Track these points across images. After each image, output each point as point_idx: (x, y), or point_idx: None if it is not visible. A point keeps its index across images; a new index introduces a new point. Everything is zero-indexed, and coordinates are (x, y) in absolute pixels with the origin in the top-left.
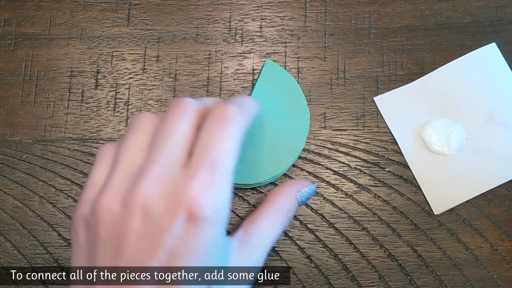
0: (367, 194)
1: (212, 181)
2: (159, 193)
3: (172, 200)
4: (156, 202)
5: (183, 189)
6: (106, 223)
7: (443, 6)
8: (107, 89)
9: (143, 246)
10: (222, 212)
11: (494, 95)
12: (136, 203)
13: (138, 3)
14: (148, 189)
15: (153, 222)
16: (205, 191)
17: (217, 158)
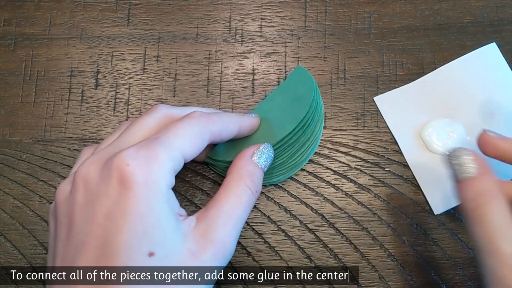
0: (367, 194)
1: (148, 149)
2: (98, 166)
3: (107, 167)
4: (94, 173)
5: (118, 154)
6: (61, 203)
7: (443, 6)
8: (107, 89)
9: (86, 215)
10: (157, 179)
11: (494, 95)
12: (78, 178)
13: (138, 3)
14: (90, 163)
15: (91, 191)
16: (139, 155)
17: (161, 135)
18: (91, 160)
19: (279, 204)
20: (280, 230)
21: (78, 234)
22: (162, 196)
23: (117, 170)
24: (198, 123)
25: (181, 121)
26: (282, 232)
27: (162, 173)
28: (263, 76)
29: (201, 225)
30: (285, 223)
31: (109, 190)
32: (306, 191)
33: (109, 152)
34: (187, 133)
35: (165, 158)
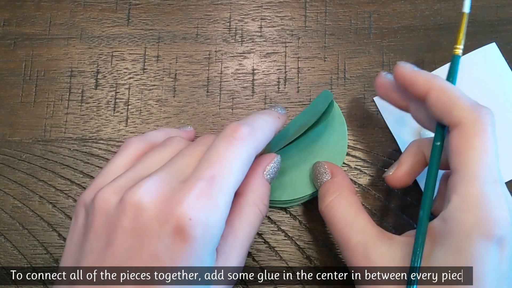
0: (367, 194)
1: (208, 196)
2: (154, 197)
3: (164, 208)
4: (149, 205)
5: (177, 199)
6: (101, 213)
7: (443, 6)
8: (107, 89)
9: (129, 244)
10: (214, 230)
11: (494, 95)
12: (131, 201)
13: (138, 3)
14: (145, 191)
15: (142, 224)
16: (199, 205)
17: (218, 174)
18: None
19: None
20: (280, 230)
21: (116, 257)
22: (213, 248)
23: (176, 220)
24: (248, 148)
25: (231, 148)
26: (282, 232)
27: (220, 224)
28: (263, 76)
29: (222, 259)
30: (285, 223)
31: (162, 234)
32: None
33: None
34: (240, 165)
35: (224, 206)
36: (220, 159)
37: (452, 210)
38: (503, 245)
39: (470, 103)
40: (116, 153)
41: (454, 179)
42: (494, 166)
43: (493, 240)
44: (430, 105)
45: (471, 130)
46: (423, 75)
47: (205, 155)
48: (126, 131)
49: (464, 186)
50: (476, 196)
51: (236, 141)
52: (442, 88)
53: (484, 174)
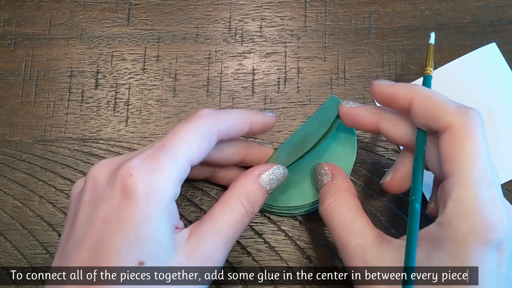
0: (367, 194)
1: (152, 159)
2: (107, 169)
3: (113, 174)
4: (103, 176)
5: (124, 164)
6: (72, 199)
7: (443, 6)
8: (107, 89)
9: (88, 214)
10: (159, 190)
11: (494, 95)
12: (89, 176)
13: (138, 3)
14: (100, 166)
15: (97, 192)
16: (143, 165)
17: (167, 142)
18: (105, 162)
19: None
20: (280, 230)
21: (77, 231)
22: (161, 208)
23: (120, 179)
24: (205, 124)
25: (187, 123)
26: (282, 232)
27: (164, 185)
28: (263, 76)
29: (193, 239)
30: (285, 223)
31: (111, 196)
32: None
33: (122, 159)
34: (194, 137)
35: (170, 169)
36: (174, 131)
37: (447, 216)
38: (501, 248)
39: (456, 106)
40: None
41: (448, 184)
42: (487, 168)
43: (490, 245)
44: (415, 114)
45: (461, 133)
46: (403, 86)
47: None
48: (126, 131)
49: (459, 191)
50: (471, 200)
51: (193, 119)
52: (425, 95)
53: (478, 177)
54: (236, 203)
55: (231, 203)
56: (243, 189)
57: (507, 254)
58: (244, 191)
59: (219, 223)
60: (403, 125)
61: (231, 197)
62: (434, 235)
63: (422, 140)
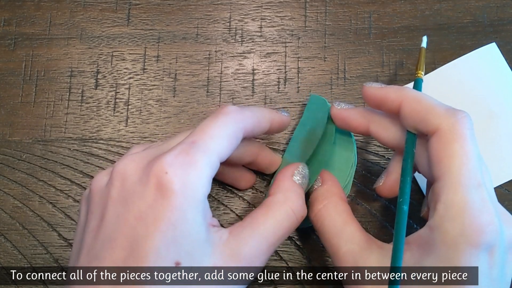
0: (367, 194)
1: (186, 155)
2: (137, 165)
3: (146, 170)
4: (132, 171)
5: (157, 160)
6: (96, 193)
7: (443, 6)
8: (107, 89)
9: (118, 211)
10: (195, 187)
11: (494, 95)
12: (116, 172)
13: (138, 3)
14: (129, 160)
15: (127, 189)
16: (177, 162)
17: (199, 138)
18: (133, 157)
19: None
20: None
21: (107, 228)
22: (197, 206)
23: (155, 176)
24: (232, 121)
25: (215, 119)
26: None
27: (200, 182)
28: (263, 76)
29: (233, 242)
30: None
31: (145, 194)
32: None
33: (152, 154)
34: (223, 133)
35: (204, 165)
36: (203, 128)
37: (437, 219)
38: (492, 250)
39: (445, 108)
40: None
41: (438, 187)
42: (477, 170)
43: (481, 248)
44: (404, 116)
45: (450, 136)
46: (393, 89)
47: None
48: (126, 131)
49: (448, 193)
50: (460, 203)
51: (221, 115)
52: (414, 98)
53: (467, 179)
54: (284, 209)
55: (276, 208)
56: (288, 193)
57: (498, 255)
58: (289, 195)
59: (262, 229)
60: (393, 127)
61: (275, 202)
62: (425, 239)
63: (411, 142)
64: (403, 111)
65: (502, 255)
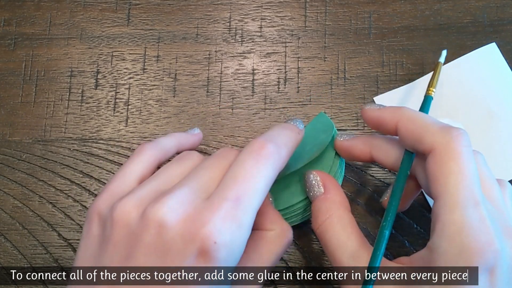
0: (367, 194)
1: (233, 218)
2: (178, 216)
3: (189, 228)
4: (172, 223)
5: (203, 220)
6: (121, 226)
7: (443, 6)
8: (107, 89)
9: (153, 261)
10: (237, 252)
11: (494, 95)
12: (154, 217)
13: (138, 3)
14: (169, 208)
15: (166, 242)
16: (224, 227)
17: (244, 193)
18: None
19: None
20: None
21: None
22: (234, 267)
23: (201, 241)
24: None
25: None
26: None
27: (242, 245)
28: (263, 76)
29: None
30: None
31: (186, 254)
32: None
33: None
34: (265, 184)
35: (248, 227)
36: (247, 177)
37: (436, 239)
38: (493, 270)
39: (439, 127)
40: (128, 159)
41: (436, 206)
42: (474, 188)
43: (480, 269)
44: (401, 137)
45: (445, 154)
46: (388, 110)
47: (231, 171)
48: (126, 131)
49: (445, 213)
50: (458, 223)
51: (262, 159)
52: (409, 117)
53: (464, 198)
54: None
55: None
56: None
57: (499, 275)
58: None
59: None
60: (394, 150)
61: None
62: (425, 260)
63: (406, 163)
64: (399, 132)
65: (506, 274)
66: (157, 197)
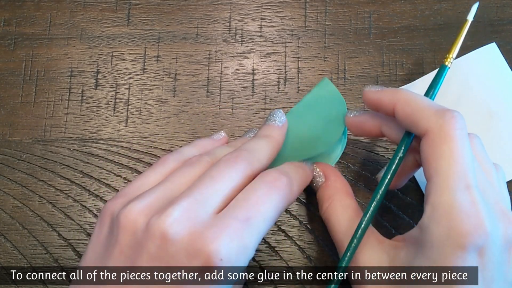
0: (367, 194)
1: (241, 238)
2: (183, 229)
3: (194, 242)
4: (177, 236)
5: (210, 237)
6: (127, 232)
7: (443, 6)
8: (107, 89)
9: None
10: (240, 271)
11: (494, 95)
12: (159, 229)
13: (138, 3)
14: (175, 220)
15: (169, 254)
16: (231, 246)
17: (253, 216)
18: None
19: None
20: (280, 230)
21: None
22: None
23: (205, 259)
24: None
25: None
26: (282, 232)
27: (245, 265)
28: (263, 76)
29: None
30: (285, 223)
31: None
32: (306, 191)
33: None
34: (274, 214)
35: (253, 250)
36: (259, 202)
37: (426, 220)
38: (482, 251)
39: (435, 109)
40: (150, 167)
41: (427, 188)
42: (467, 172)
43: (468, 250)
44: (398, 119)
45: (437, 138)
46: (387, 91)
47: (243, 193)
48: (126, 131)
49: (435, 195)
50: (446, 205)
51: (275, 189)
52: (406, 100)
53: (454, 181)
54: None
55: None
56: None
57: (490, 256)
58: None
59: None
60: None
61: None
62: (416, 238)
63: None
64: (396, 114)
65: (497, 255)
66: (164, 206)
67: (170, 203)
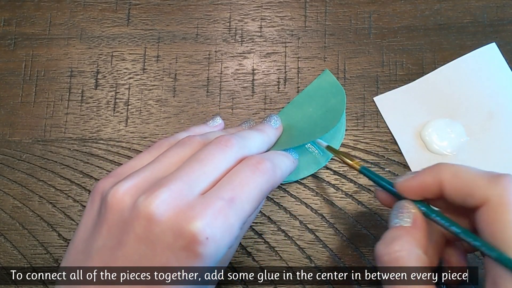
0: (367, 194)
1: (225, 216)
2: (168, 210)
3: (180, 221)
4: (162, 217)
5: (194, 214)
6: (114, 211)
7: (443, 6)
8: (107, 89)
9: (143, 251)
10: (224, 250)
11: (494, 95)
12: (145, 210)
13: (138, 3)
14: (162, 201)
15: (155, 234)
16: (216, 224)
17: (238, 196)
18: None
19: (279, 204)
20: (280, 230)
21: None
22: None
23: (190, 238)
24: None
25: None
26: (282, 232)
27: (230, 245)
28: (263, 76)
29: None
30: (285, 223)
31: (175, 247)
32: (306, 191)
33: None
34: (258, 195)
35: (237, 230)
36: (242, 183)
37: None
38: None
39: (488, 178)
40: (144, 150)
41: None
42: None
43: None
44: (449, 196)
45: (498, 207)
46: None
47: (228, 176)
48: (126, 131)
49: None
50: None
51: (259, 172)
52: (453, 175)
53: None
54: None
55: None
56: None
57: None
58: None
59: None
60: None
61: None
62: None
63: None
64: (446, 192)
65: None
66: (151, 187)
67: (158, 184)
